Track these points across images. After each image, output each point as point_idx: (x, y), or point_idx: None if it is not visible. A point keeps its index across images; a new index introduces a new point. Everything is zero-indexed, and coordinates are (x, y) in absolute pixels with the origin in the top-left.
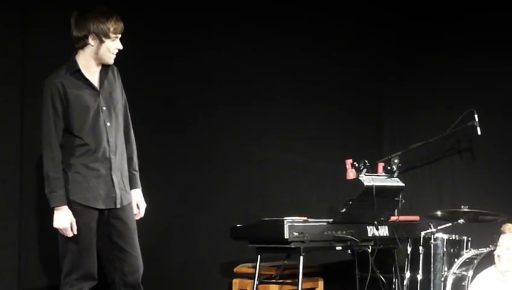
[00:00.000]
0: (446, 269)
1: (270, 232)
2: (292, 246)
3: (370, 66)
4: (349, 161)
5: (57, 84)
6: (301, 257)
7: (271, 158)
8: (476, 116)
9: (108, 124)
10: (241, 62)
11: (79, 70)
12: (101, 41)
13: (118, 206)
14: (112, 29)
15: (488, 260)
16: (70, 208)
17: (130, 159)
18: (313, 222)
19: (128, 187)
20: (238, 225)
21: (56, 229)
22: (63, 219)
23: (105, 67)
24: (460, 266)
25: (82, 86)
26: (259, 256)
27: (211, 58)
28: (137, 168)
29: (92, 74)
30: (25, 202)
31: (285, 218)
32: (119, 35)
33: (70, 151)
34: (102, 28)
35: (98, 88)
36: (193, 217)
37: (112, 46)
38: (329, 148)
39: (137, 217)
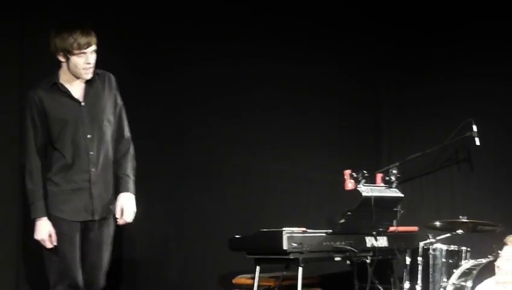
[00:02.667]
0: (445, 279)
1: (268, 243)
2: (291, 257)
3: (368, 76)
4: (347, 172)
5: (34, 98)
6: (300, 268)
7: (269, 169)
8: (474, 126)
9: (89, 136)
10: (239, 73)
11: (57, 84)
12: (67, 58)
13: (96, 218)
14: (74, 44)
15: (487, 271)
16: (50, 220)
17: (116, 163)
18: (311, 233)
19: (113, 199)
20: (236, 236)
21: (38, 241)
22: (41, 231)
23: (94, 77)
24: (460, 277)
25: (60, 99)
26: (258, 267)
27: (210, 69)
28: (128, 173)
29: (75, 86)
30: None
31: (283, 229)
32: (87, 50)
33: (50, 164)
34: (63, 45)
35: (80, 99)
36: (192, 228)
37: (80, 62)
38: (328, 159)
39: (121, 222)
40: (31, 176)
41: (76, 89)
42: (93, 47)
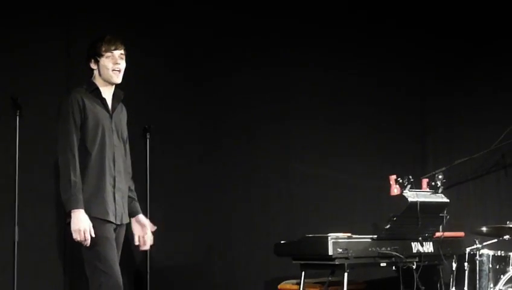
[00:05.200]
0: (492, 285)
1: (314, 248)
2: (336, 263)
3: (413, 83)
4: (393, 177)
5: (78, 98)
6: (345, 274)
7: (314, 175)
8: None
9: (116, 145)
10: (284, 81)
11: (98, 89)
12: (97, 62)
13: (118, 223)
14: (103, 48)
15: None
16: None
17: (129, 188)
18: (357, 238)
19: (127, 209)
20: (282, 242)
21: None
22: (83, 221)
23: (116, 98)
24: (507, 283)
25: (98, 105)
26: (303, 273)
27: (254, 77)
28: (135, 197)
29: (106, 96)
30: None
31: (329, 234)
32: (115, 51)
33: (83, 165)
34: (94, 50)
35: (110, 111)
36: (237, 235)
37: (109, 63)
38: (373, 165)
39: (148, 245)
40: (74, 169)
41: (107, 100)
42: (121, 51)
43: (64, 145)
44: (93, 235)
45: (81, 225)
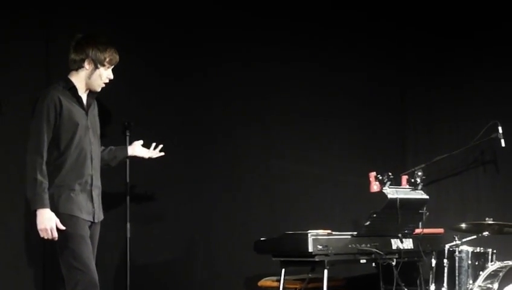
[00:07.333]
0: (471, 281)
1: (294, 245)
2: (316, 260)
3: (393, 79)
4: (372, 174)
5: (54, 97)
6: (325, 270)
7: (294, 172)
8: (499, 128)
9: (93, 142)
10: (263, 77)
11: (75, 87)
12: (96, 68)
13: (95, 221)
14: (107, 59)
15: None
16: (63, 219)
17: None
18: (337, 235)
19: (101, 205)
20: (262, 239)
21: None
22: (50, 218)
23: (90, 94)
24: (486, 279)
25: (75, 103)
26: (283, 269)
27: (235, 73)
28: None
29: (83, 96)
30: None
31: (309, 231)
32: (112, 66)
33: (58, 163)
34: (99, 56)
35: (86, 108)
36: (217, 232)
37: (104, 74)
38: (353, 161)
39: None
40: (40, 169)
41: (83, 99)
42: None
43: (34, 144)
44: (62, 229)
45: (47, 223)
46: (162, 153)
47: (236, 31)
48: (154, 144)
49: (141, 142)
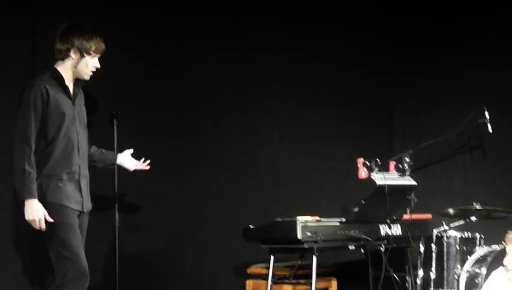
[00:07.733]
0: (459, 266)
1: (283, 232)
2: (305, 246)
3: (380, 65)
4: (360, 160)
5: (41, 87)
6: (314, 257)
7: (283, 159)
8: (486, 113)
9: (80, 132)
10: (251, 66)
11: (61, 77)
12: (82, 56)
13: (84, 210)
14: (93, 47)
15: (500, 257)
16: (52, 209)
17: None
18: (325, 222)
19: (89, 194)
20: (251, 226)
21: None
22: (38, 209)
23: (77, 84)
24: (474, 264)
25: (61, 93)
26: (272, 257)
27: (223, 62)
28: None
29: (69, 85)
30: None
31: (297, 218)
32: (99, 55)
33: (45, 153)
34: (85, 45)
35: (72, 98)
36: (206, 219)
37: (91, 63)
38: (341, 148)
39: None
40: (29, 159)
41: (70, 89)
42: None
43: (22, 134)
44: (50, 221)
45: (35, 213)
46: (148, 167)
47: (224, 21)
48: (143, 159)
49: (131, 151)
